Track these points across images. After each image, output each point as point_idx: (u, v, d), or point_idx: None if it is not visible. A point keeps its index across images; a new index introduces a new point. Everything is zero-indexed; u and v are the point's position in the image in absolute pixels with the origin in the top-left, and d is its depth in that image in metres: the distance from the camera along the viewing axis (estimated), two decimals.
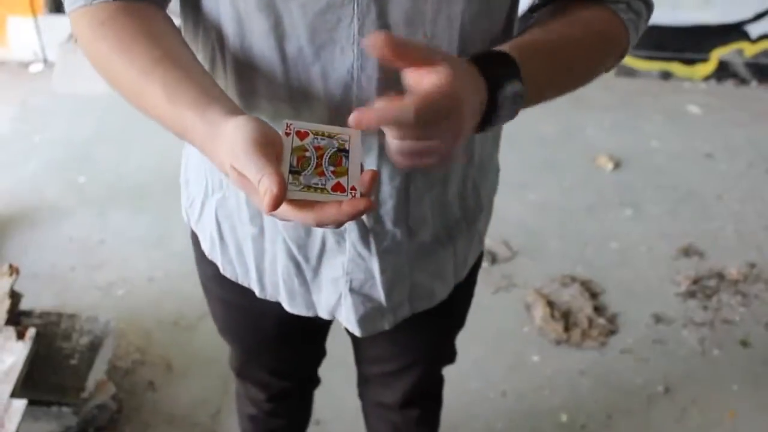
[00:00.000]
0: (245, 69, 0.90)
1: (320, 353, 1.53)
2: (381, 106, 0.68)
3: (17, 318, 2.03)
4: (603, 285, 2.68)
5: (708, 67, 4.01)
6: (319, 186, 0.73)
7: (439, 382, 1.62)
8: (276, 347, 1.39)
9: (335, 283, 1.08)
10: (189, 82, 0.81)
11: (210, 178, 1.09)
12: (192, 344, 2.38)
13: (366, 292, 1.09)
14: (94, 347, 2.04)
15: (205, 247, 1.18)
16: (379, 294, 1.09)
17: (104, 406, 2.05)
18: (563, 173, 3.25)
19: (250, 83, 0.91)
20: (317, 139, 0.76)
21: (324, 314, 1.14)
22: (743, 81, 4.04)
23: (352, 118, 0.68)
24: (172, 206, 2.92)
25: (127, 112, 3.79)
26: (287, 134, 0.75)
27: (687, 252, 2.85)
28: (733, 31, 3.93)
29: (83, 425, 2.00)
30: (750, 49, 3.98)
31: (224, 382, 2.24)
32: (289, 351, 1.42)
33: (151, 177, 3.08)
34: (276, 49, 0.87)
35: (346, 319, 1.12)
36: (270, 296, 1.15)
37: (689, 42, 3.95)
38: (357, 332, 1.13)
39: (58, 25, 3.67)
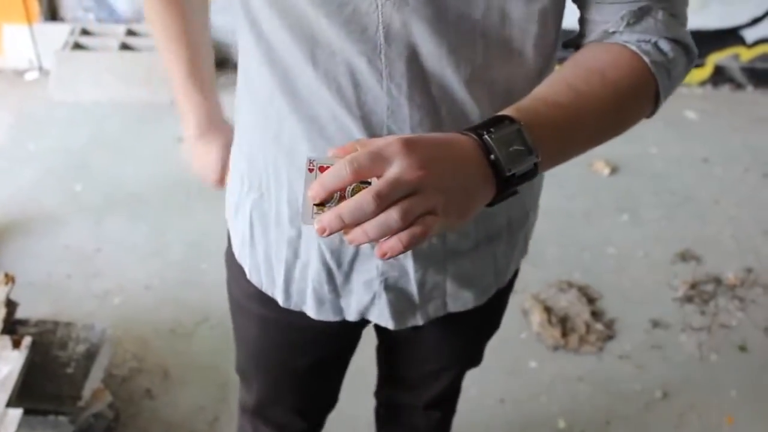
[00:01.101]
0: (283, 70, 0.92)
1: (336, 395, 1.52)
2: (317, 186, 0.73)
3: (13, 327, 2.02)
4: (600, 290, 2.68)
5: (704, 72, 4.01)
6: None
7: (459, 387, 1.64)
8: (306, 373, 1.35)
9: (369, 284, 1.08)
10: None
11: (247, 177, 1.08)
12: (189, 352, 2.38)
13: (401, 287, 1.09)
14: (91, 355, 2.03)
15: (236, 247, 1.18)
16: (413, 288, 1.09)
17: (101, 414, 2.04)
18: (560, 179, 3.24)
19: (289, 83, 0.92)
20: None
21: (352, 317, 1.13)
22: (739, 86, 4.05)
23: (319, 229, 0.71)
24: (168, 214, 2.93)
25: (123, 119, 3.79)
26: (310, 170, 0.74)
27: (684, 257, 2.85)
28: (729, 36, 3.94)
29: None
30: (746, 54, 3.98)
31: (222, 390, 2.24)
32: (316, 380, 1.40)
33: (147, 185, 3.07)
34: (309, 55, 0.88)
35: (379, 315, 1.12)
36: (294, 305, 1.14)
37: None
38: (390, 325, 1.13)
39: (54, 32, 3.66)
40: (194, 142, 1.29)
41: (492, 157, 0.76)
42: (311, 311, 1.13)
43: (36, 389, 1.93)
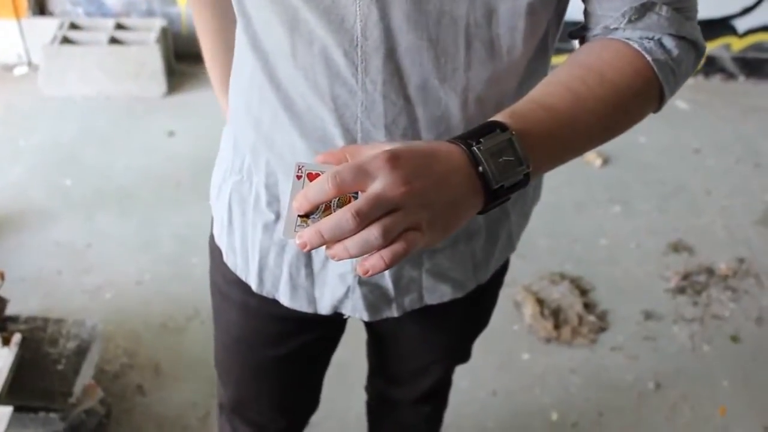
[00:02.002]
0: (265, 55, 0.92)
1: (317, 395, 1.51)
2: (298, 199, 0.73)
3: (3, 324, 2.01)
4: (592, 282, 2.67)
5: None
6: None
7: (450, 380, 1.64)
8: (286, 365, 1.34)
9: (343, 278, 1.07)
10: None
11: (232, 160, 1.09)
12: (180, 346, 2.37)
13: (375, 282, 1.08)
14: (81, 352, 2.02)
15: (216, 229, 1.18)
16: (388, 284, 1.08)
17: (92, 410, 2.03)
18: (551, 170, 3.24)
19: (270, 69, 0.92)
20: None
21: (325, 310, 1.12)
22: (731, 76, 4.04)
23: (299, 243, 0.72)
24: (159, 209, 2.92)
25: (113, 114, 3.76)
26: (298, 177, 0.74)
27: (676, 248, 2.85)
28: (720, 26, 3.93)
29: (71, 431, 1.98)
30: (737, 44, 3.98)
31: (213, 385, 2.22)
32: (296, 374, 1.38)
33: (138, 179, 3.06)
34: (289, 42, 0.87)
35: (353, 308, 1.11)
36: (267, 292, 1.13)
37: None
38: (365, 317, 1.12)
39: (42, 27, 3.64)
40: None
41: (480, 169, 0.75)
42: (284, 299, 1.12)
43: (26, 386, 1.92)
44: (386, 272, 1.06)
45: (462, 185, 0.75)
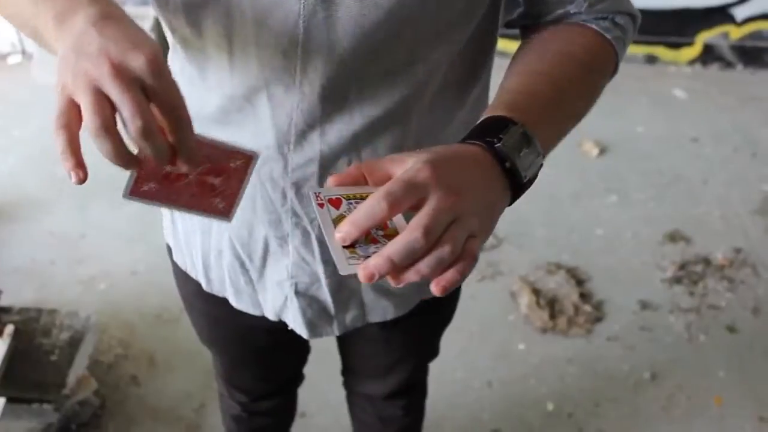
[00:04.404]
0: (199, 57, 0.88)
1: (304, 355, 1.53)
2: (352, 217, 0.65)
3: None
4: (589, 272, 2.67)
5: (693, 50, 3.99)
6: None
7: (423, 373, 1.63)
8: (263, 356, 1.39)
9: (281, 285, 1.06)
10: None
11: None
12: (175, 337, 2.36)
13: (312, 294, 1.06)
14: (75, 343, 2.01)
15: (165, 226, 1.19)
16: (326, 296, 1.06)
17: (86, 401, 2.03)
18: (548, 160, 3.21)
19: (203, 73, 0.89)
20: (351, 204, 0.69)
21: (270, 315, 1.11)
22: (729, 64, 4.03)
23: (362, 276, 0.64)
24: None
25: None
26: (320, 205, 0.68)
27: (673, 237, 2.84)
28: (719, 14, 3.92)
29: (65, 422, 1.98)
30: (735, 32, 3.97)
31: (208, 376, 2.22)
32: (274, 358, 1.43)
33: None
34: (226, 42, 0.83)
35: (293, 321, 1.10)
36: (217, 291, 1.14)
37: (674, 26, 3.93)
38: (304, 334, 1.11)
39: None
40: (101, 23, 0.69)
41: (507, 165, 0.73)
42: (231, 299, 1.13)
43: (19, 377, 1.91)
44: (324, 284, 1.04)
45: (496, 185, 0.73)
